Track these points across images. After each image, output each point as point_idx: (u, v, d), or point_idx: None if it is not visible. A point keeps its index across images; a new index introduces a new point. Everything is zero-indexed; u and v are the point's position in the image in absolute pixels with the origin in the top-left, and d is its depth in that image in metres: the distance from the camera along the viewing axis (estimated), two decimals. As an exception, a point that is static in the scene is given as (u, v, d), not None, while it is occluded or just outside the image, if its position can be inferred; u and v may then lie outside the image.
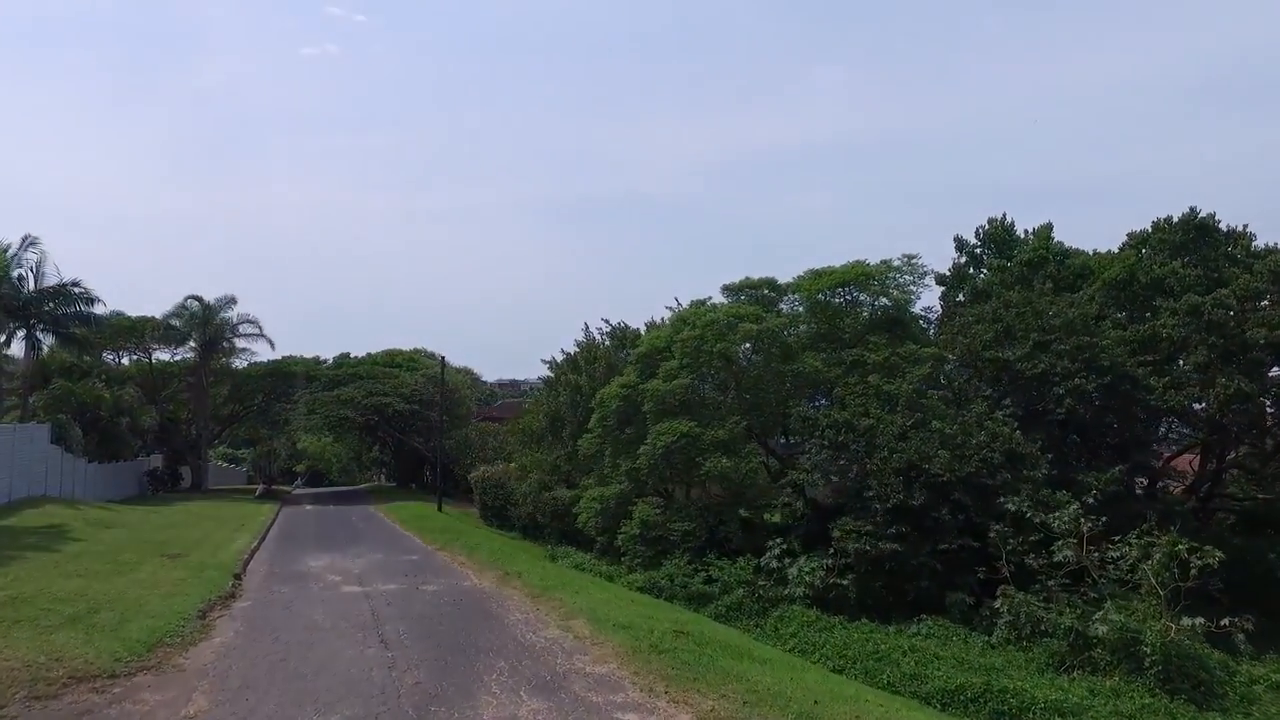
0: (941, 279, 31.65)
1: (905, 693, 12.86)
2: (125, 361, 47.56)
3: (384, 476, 64.78)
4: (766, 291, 28.53)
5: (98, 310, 33.64)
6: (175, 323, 44.20)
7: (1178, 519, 18.68)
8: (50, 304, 31.91)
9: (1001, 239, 31.24)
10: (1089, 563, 15.42)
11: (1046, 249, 28.94)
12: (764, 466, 25.42)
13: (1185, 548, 14.27)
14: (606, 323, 33.63)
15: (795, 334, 26.58)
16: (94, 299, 32.93)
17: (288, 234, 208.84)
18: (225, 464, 71.48)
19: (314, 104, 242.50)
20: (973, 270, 31.68)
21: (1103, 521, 15.82)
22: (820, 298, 27.27)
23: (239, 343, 47.09)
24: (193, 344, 44.95)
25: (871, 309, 27.38)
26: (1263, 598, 17.43)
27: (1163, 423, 24.33)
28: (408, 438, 48.45)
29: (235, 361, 49.20)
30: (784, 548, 19.79)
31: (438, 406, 42.27)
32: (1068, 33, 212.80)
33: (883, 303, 27.22)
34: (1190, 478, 24.68)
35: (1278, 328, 20.44)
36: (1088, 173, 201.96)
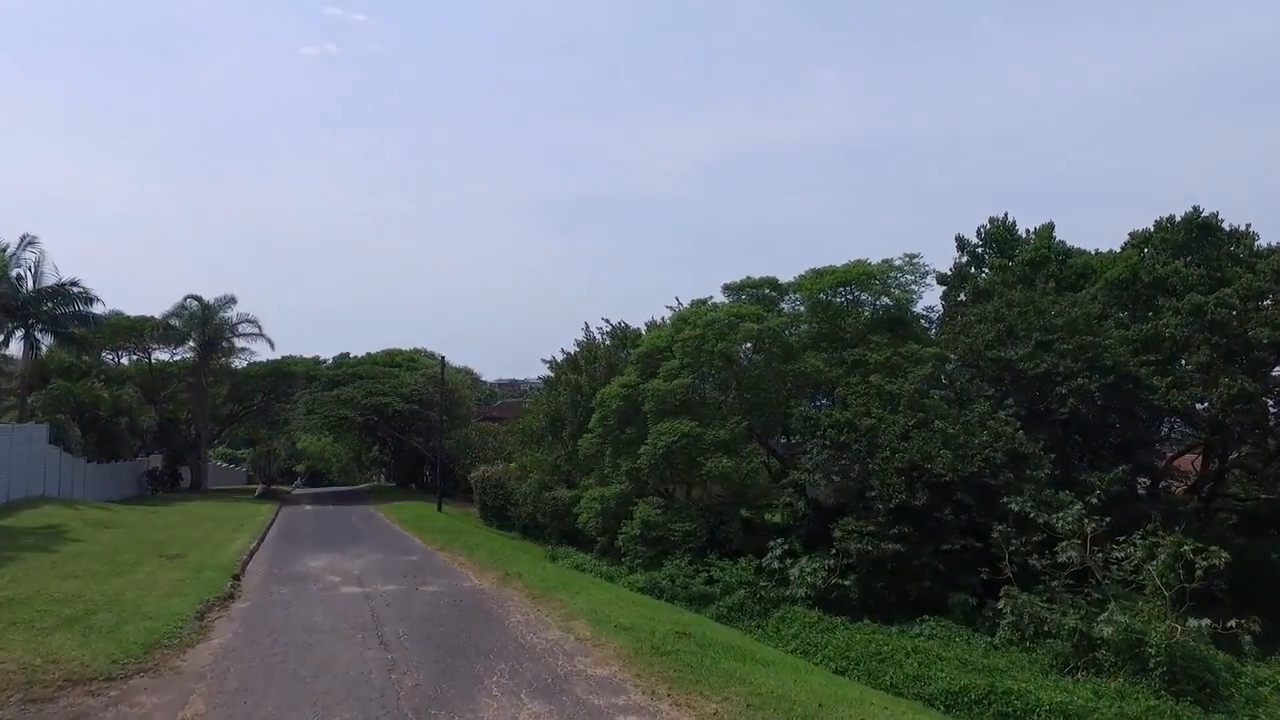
0: (943, 278, 31.54)
1: (909, 694, 12.76)
2: (124, 361, 47.48)
3: (384, 476, 64.67)
4: (768, 291, 28.45)
5: (96, 310, 33.50)
6: (174, 322, 44.14)
7: (1181, 519, 18.61)
8: (49, 303, 31.77)
9: (1003, 238, 31.14)
10: (1093, 563, 15.31)
11: (1048, 248, 28.88)
12: (765, 466, 25.36)
13: (1190, 548, 14.18)
14: (607, 322, 33.45)
15: (796, 333, 26.49)
16: (93, 298, 32.82)
17: (288, 233, 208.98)
18: (225, 464, 71.43)
19: (314, 104, 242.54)
20: (974, 270, 31.57)
21: (1106, 522, 15.70)
22: (822, 297, 27.23)
23: (238, 342, 47.19)
24: (192, 344, 44.93)
25: (873, 308, 27.33)
26: (1265, 598, 17.33)
27: (1165, 422, 24.31)
28: (407, 438, 48.38)
29: (235, 361, 49.25)
30: (785, 548, 19.66)
31: (438, 406, 42.17)
32: (1068, 33, 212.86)
33: (884, 302, 27.18)
34: (1193, 478, 24.63)
35: (1280, 327, 20.40)
36: (1088, 173, 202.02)
